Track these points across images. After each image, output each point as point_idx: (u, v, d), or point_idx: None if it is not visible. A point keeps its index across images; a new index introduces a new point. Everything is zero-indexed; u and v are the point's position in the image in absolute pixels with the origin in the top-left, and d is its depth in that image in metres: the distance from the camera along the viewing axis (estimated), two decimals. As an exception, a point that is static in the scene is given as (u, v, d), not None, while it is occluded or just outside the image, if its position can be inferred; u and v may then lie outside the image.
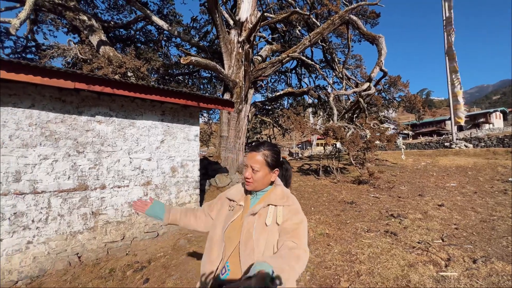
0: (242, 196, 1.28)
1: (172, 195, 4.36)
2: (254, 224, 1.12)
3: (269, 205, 1.16)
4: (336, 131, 6.47)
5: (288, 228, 1.10)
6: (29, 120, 3.19)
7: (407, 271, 2.55)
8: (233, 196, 1.29)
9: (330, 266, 2.78)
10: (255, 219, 1.14)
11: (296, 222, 1.12)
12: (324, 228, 3.81)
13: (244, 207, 1.22)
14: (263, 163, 1.20)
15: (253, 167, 1.19)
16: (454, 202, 4.74)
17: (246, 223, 1.14)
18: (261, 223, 1.13)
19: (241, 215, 1.20)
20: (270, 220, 1.12)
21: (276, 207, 1.16)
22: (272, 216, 1.13)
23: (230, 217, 1.21)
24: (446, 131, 39.32)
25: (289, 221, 1.12)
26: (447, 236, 3.26)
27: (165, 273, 2.97)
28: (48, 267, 3.19)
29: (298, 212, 1.17)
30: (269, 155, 1.23)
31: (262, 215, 1.15)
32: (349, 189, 6.13)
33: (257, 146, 1.25)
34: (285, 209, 1.16)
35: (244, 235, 1.12)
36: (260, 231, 1.11)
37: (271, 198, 1.19)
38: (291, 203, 1.18)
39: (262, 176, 1.20)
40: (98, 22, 8.80)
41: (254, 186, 1.21)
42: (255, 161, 1.20)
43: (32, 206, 3.15)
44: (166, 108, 4.40)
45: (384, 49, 7.95)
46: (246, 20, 8.55)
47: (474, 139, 17.28)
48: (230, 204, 1.28)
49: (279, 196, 1.20)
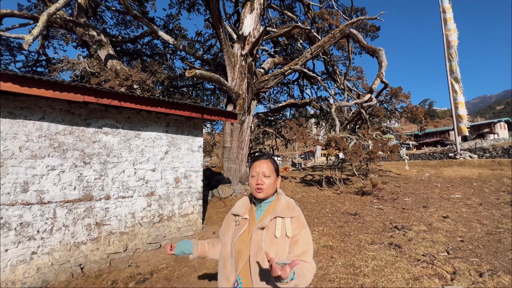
0: (246, 209, 1.31)
1: (175, 205, 4.38)
2: (263, 237, 1.16)
3: (276, 217, 1.19)
4: (338, 142, 6.51)
5: (298, 250, 1.14)
6: (39, 132, 3.29)
7: (412, 284, 2.51)
8: (237, 211, 1.32)
9: (333, 279, 2.74)
10: (264, 232, 1.17)
11: (305, 241, 1.17)
12: (328, 240, 3.78)
13: (250, 220, 1.25)
14: (273, 169, 1.28)
15: (264, 173, 1.24)
16: (459, 214, 4.68)
17: (255, 236, 1.17)
18: (270, 236, 1.16)
19: (248, 228, 1.23)
20: (279, 233, 1.16)
21: (284, 219, 1.19)
22: (281, 229, 1.17)
23: (237, 232, 1.24)
24: (450, 141, 38.98)
25: (298, 240, 1.16)
26: (453, 249, 3.21)
27: (168, 285, 2.95)
28: (51, 278, 3.19)
29: (304, 225, 1.22)
30: (274, 162, 1.32)
31: (270, 228, 1.18)
32: (352, 200, 6.09)
33: (261, 156, 1.33)
34: (293, 221, 1.20)
35: (254, 248, 1.15)
36: (269, 244, 1.15)
37: (278, 210, 1.22)
38: (297, 214, 1.23)
39: (272, 181, 1.25)
40: (107, 37, 9.15)
41: (266, 193, 1.24)
42: (266, 167, 1.25)
43: (38, 217, 3.19)
44: (171, 119, 4.50)
45: (384, 61, 8.10)
46: (249, 34, 8.82)
47: (479, 150, 17.13)
48: (236, 219, 1.31)
49: (284, 207, 1.23)
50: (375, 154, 6.75)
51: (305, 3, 10.98)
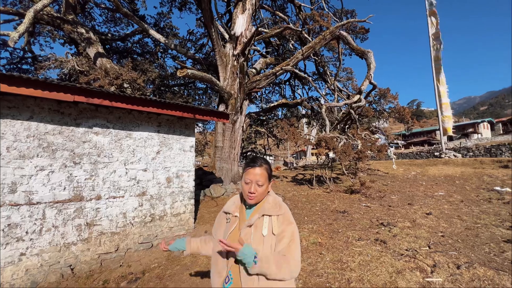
0: (237, 207, 1.36)
1: (167, 205, 4.40)
2: (251, 235, 1.21)
3: (264, 215, 1.24)
4: (328, 142, 6.66)
5: (282, 246, 1.20)
6: (27, 132, 3.24)
7: (395, 277, 2.65)
8: (228, 209, 1.38)
9: (322, 274, 2.85)
10: (252, 230, 1.22)
11: (289, 236, 1.22)
12: (317, 237, 3.90)
13: (240, 218, 1.30)
14: (266, 176, 1.30)
15: (257, 182, 1.26)
16: (442, 211, 4.91)
17: (244, 234, 1.22)
18: (258, 234, 1.21)
19: (238, 225, 1.28)
20: (266, 231, 1.21)
21: (271, 217, 1.24)
22: (268, 227, 1.22)
23: (228, 229, 1.30)
24: (437, 141, 40.22)
25: (284, 237, 1.21)
26: (434, 244, 3.38)
27: (160, 284, 2.99)
28: (41, 280, 3.16)
29: (290, 222, 1.26)
30: (268, 169, 1.33)
31: (258, 226, 1.23)
32: (341, 198, 6.25)
33: (255, 161, 1.31)
34: (279, 218, 1.24)
35: None
36: (257, 242, 1.19)
37: (265, 208, 1.26)
38: (283, 211, 1.27)
39: (265, 189, 1.29)
40: (96, 35, 8.98)
41: (257, 199, 1.28)
42: (260, 176, 1.27)
43: (26, 218, 3.15)
44: (163, 119, 4.51)
45: (373, 63, 8.32)
46: (241, 34, 8.86)
47: (463, 149, 17.78)
48: (227, 216, 1.36)
49: (272, 205, 1.28)
50: (364, 154, 6.95)
51: (297, 4, 11.11)
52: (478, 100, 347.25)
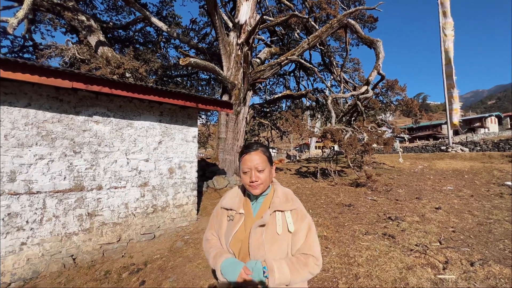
0: (240, 202, 1.19)
1: (170, 196, 4.32)
2: (263, 235, 1.06)
3: (276, 211, 1.11)
4: (334, 134, 6.49)
5: (299, 242, 1.08)
6: (25, 120, 3.15)
7: (405, 274, 2.55)
8: (229, 204, 1.19)
9: (328, 269, 2.76)
10: (264, 229, 1.08)
11: (305, 229, 1.10)
12: (322, 230, 3.80)
13: (246, 215, 1.14)
14: (265, 159, 1.15)
15: (257, 168, 1.12)
16: (451, 205, 4.76)
17: (254, 234, 1.07)
18: (271, 233, 1.07)
19: (244, 224, 1.12)
20: (281, 229, 1.07)
21: (283, 213, 1.11)
22: (282, 224, 1.09)
23: (231, 229, 1.12)
24: (442, 135, 39.63)
25: (300, 232, 1.09)
26: (445, 239, 3.26)
27: (162, 276, 2.93)
28: (42, 269, 3.13)
29: (305, 216, 1.14)
30: (266, 151, 1.18)
31: (270, 224, 1.09)
32: (347, 191, 6.13)
33: (250, 146, 1.18)
34: (293, 214, 1.12)
35: (253, 247, 1.05)
36: (271, 242, 1.05)
37: (276, 203, 1.12)
38: (296, 205, 1.15)
39: (268, 174, 1.15)
40: (97, 23, 8.78)
41: (263, 187, 1.13)
42: (258, 161, 1.12)
43: (26, 207, 3.10)
44: (164, 109, 4.38)
45: (382, 53, 8.02)
46: (245, 22, 8.58)
47: (470, 143, 17.45)
48: (228, 214, 1.18)
49: (283, 199, 1.14)
50: (370, 146, 6.77)
51: (303, -9, 10.71)
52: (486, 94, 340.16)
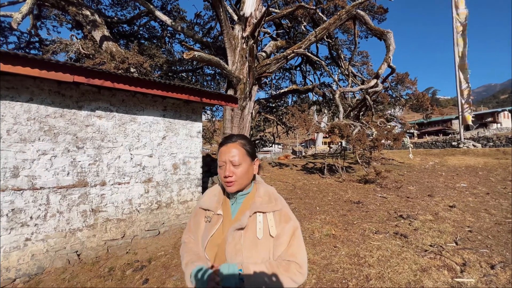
0: (219, 202, 1.06)
1: (174, 192, 4.26)
2: (241, 239, 0.94)
3: (256, 213, 0.98)
4: (342, 129, 6.30)
5: (282, 248, 0.95)
6: (27, 114, 3.10)
7: (420, 276, 2.41)
8: (207, 204, 1.07)
9: (337, 269, 2.64)
10: (242, 233, 0.95)
11: (288, 234, 0.97)
12: (330, 228, 3.68)
13: (224, 216, 1.02)
14: (244, 153, 1.02)
15: (232, 162, 0.99)
16: (466, 203, 4.56)
17: (232, 238, 0.95)
18: (251, 236, 0.95)
19: (222, 227, 1.00)
20: (261, 233, 0.95)
21: (265, 214, 0.98)
22: (263, 227, 0.96)
23: (208, 231, 1.01)
24: (452, 130, 38.65)
25: (283, 236, 0.96)
26: (461, 239, 3.10)
27: (165, 274, 2.87)
28: (47, 265, 3.12)
29: (289, 218, 1.00)
30: (246, 144, 1.05)
31: (250, 226, 0.96)
32: (355, 188, 5.97)
33: (228, 138, 1.06)
34: (276, 215, 0.99)
35: (230, 253, 0.94)
36: (250, 247, 0.93)
37: (257, 204, 1.00)
38: (280, 206, 1.01)
39: (246, 169, 1.01)
40: (101, 17, 8.72)
41: (239, 184, 1.00)
42: (233, 153, 1.00)
43: (30, 203, 3.07)
44: (168, 103, 4.29)
45: (392, 44, 7.71)
46: (251, 15, 8.38)
47: (482, 139, 16.92)
48: (206, 214, 1.06)
49: (265, 199, 1.02)
50: (379, 142, 6.56)
51: (310, -18, 10.38)
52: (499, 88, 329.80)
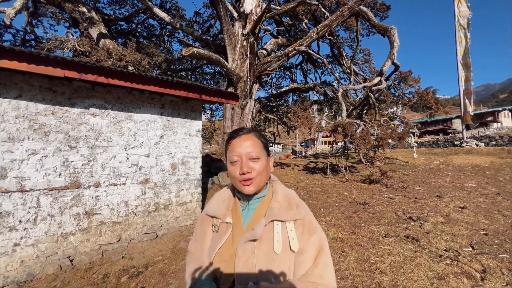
0: (228, 208, 0.90)
1: (172, 194, 4.08)
2: (254, 253, 0.79)
3: (274, 221, 0.82)
4: (346, 128, 6.12)
5: (306, 266, 0.77)
6: (15, 112, 2.91)
7: (437, 284, 2.23)
8: (214, 211, 0.91)
9: (347, 277, 2.46)
10: (256, 245, 0.80)
11: (314, 249, 0.79)
12: (337, 231, 3.50)
13: (234, 225, 0.86)
14: (261, 145, 0.87)
15: (251, 155, 0.82)
16: (477, 204, 4.38)
17: (242, 251, 0.79)
18: (266, 250, 0.79)
19: (231, 237, 0.85)
20: (280, 247, 0.78)
21: (284, 223, 0.82)
22: (282, 240, 0.80)
23: (216, 243, 0.85)
24: (453, 129, 38.49)
25: (307, 252, 0.78)
26: (477, 243, 2.92)
27: (163, 281, 2.69)
28: (37, 272, 2.93)
29: (315, 229, 0.83)
30: (260, 136, 0.89)
31: (265, 238, 0.80)
32: (359, 188, 5.79)
33: (240, 129, 0.90)
34: (297, 225, 0.82)
35: (240, 269, 0.78)
36: (265, 262, 0.77)
37: (274, 210, 0.83)
38: (303, 213, 0.84)
39: (264, 164, 0.85)
40: (98, 15, 8.53)
41: (258, 184, 0.83)
42: (251, 145, 0.84)
43: (19, 205, 2.88)
44: (166, 101, 4.11)
45: (396, 41, 7.53)
46: (251, 12, 8.21)
47: (484, 138, 16.77)
48: (213, 223, 0.91)
49: (284, 205, 0.85)
50: (384, 141, 6.39)
51: (311, -22, 10.20)
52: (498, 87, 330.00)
